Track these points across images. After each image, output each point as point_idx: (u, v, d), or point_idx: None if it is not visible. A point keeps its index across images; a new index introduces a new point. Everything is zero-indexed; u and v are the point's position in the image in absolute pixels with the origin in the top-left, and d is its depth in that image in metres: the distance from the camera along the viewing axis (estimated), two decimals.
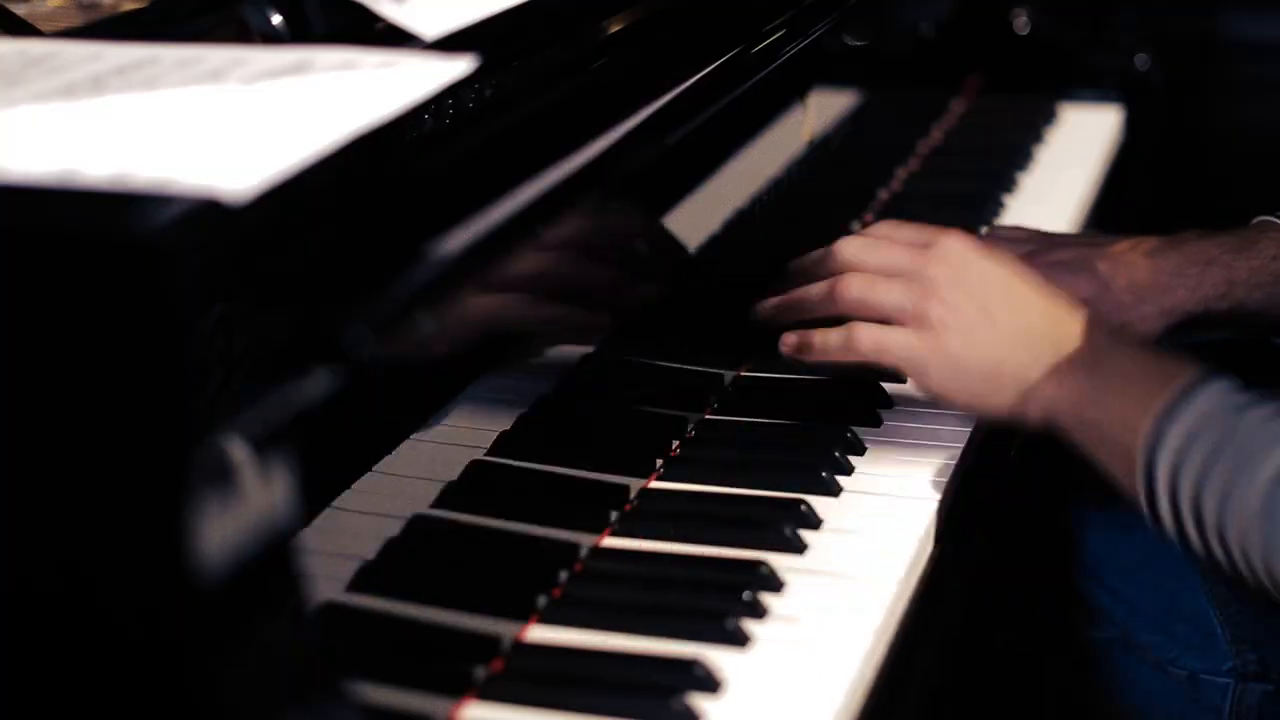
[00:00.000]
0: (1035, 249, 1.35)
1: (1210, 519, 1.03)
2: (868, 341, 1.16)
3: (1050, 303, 1.16)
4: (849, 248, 1.21)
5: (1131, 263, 1.32)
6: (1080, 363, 1.12)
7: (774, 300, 1.25)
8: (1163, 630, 1.25)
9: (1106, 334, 1.14)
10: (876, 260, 1.19)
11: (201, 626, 0.70)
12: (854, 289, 1.18)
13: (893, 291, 1.16)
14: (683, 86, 1.14)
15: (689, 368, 1.29)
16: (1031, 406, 1.13)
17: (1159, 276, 1.31)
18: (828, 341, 1.18)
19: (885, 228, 1.24)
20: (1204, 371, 1.08)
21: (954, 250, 1.17)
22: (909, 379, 1.18)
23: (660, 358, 1.26)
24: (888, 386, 1.28)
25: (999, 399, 1.14)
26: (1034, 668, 1.34)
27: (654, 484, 1.17)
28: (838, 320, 1.20)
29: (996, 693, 1.37)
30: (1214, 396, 1.05)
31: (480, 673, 0.94)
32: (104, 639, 0.71)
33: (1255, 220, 1.36)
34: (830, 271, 1.21)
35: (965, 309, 1.14)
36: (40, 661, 0.72)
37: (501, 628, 0.98)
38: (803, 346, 1.20)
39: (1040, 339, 1.13)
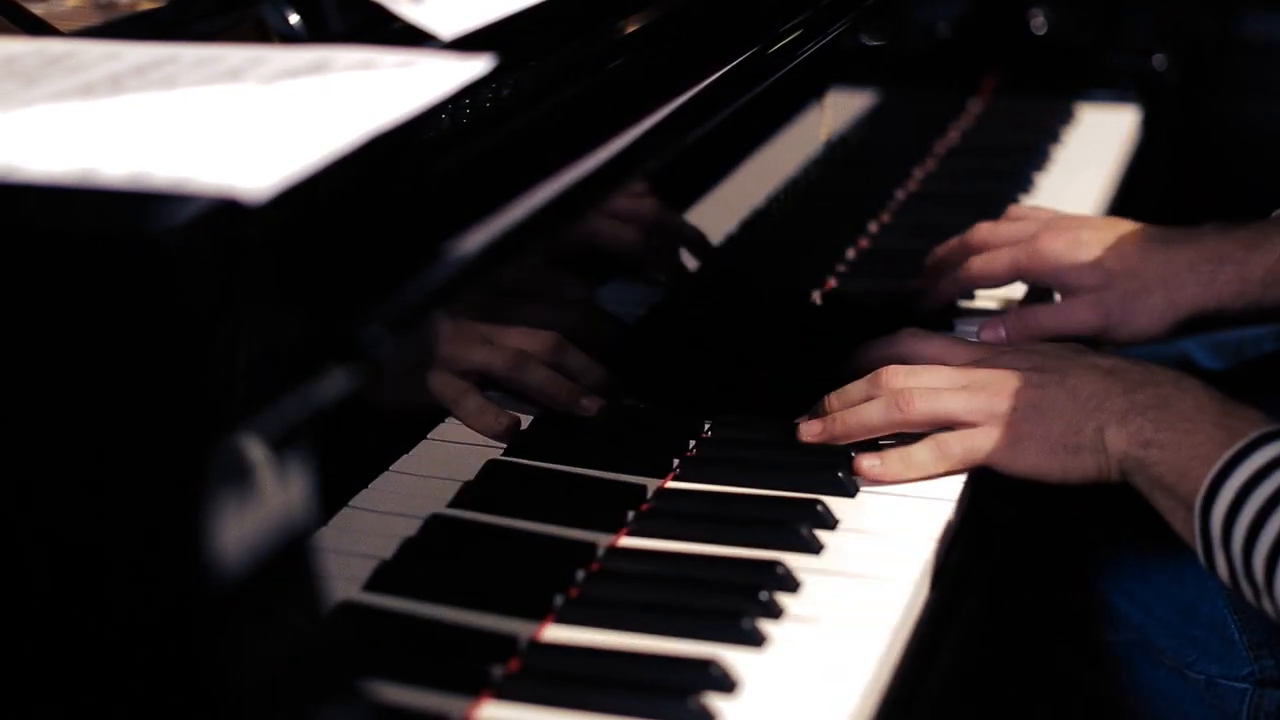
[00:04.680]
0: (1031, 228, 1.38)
1: (1259, 577, 1.03)
2: (959, 450, 1.15)
3: (1112, 356, 1.16)
4: (897, 377, 1.19)
5: (1143, 253, 1.32)
6: (1145, 407, 1.11)
7: (820, 430, 1.20)
8: (1180, 635, 1.25)
9: (1173, 380, 1.13)
10: (930, 380, 1.19)
11: (218, 626, 0.70)
12: (919, 404, 1.17)
13: (958, 398, 1.17)
14: (700, 86, 1.14)
15: (704, 368, 1.29)
16: (1110, 461, 1.13)
17: (1171, 269, 1.30)
18: (914, 457, 1.16)
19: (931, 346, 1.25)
20: (1267, 425, 1.07)
21: (1009, 351, 1.21)
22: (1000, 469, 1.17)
23: (674, 358, 1.26)
24: None
25: (1084, 461, 1.13)
26: (1051, 668, 1.34)
27: (670, 484, 1.17)
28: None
29: (1013, 692, 1.36)
30: (1272, 451, 1.05)
31: (497, 672, 0.94)
32: (122, 638, 0.71)
33: (1276, 213, 1.34)
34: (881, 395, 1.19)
35: (1029, 383, 1.15)
36: (56, 660, 0.72)
37: (518, 627, 0.98)
38: (888, 467, 1.16)
39: (1110, 392, 1.13)
